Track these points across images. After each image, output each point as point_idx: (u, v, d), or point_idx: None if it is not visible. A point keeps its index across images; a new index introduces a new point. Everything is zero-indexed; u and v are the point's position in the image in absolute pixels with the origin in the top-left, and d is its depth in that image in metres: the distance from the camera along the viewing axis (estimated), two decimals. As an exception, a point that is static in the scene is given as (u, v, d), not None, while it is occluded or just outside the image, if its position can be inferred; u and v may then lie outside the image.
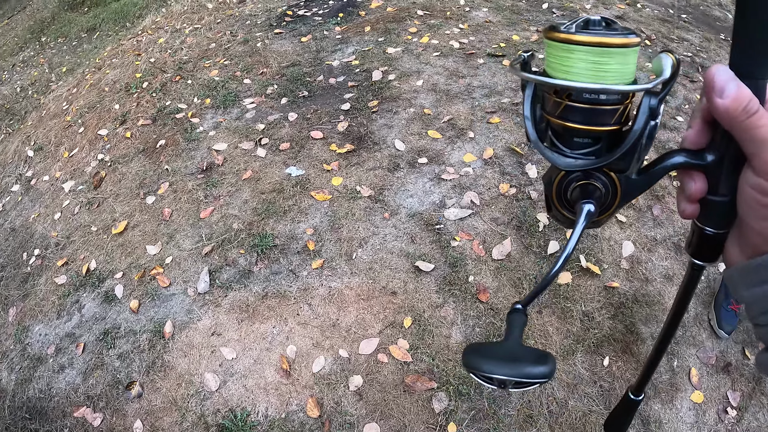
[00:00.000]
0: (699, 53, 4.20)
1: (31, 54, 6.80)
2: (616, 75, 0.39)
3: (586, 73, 0.39)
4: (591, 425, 1.99)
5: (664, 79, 0.39)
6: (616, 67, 0.38)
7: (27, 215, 3.37)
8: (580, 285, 2.36)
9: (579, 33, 0.38)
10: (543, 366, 0.39)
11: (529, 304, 0.45)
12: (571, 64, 0.39)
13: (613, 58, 0.38)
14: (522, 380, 0.39)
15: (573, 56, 0.39)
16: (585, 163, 0.42)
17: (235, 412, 2.05)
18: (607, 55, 0.38)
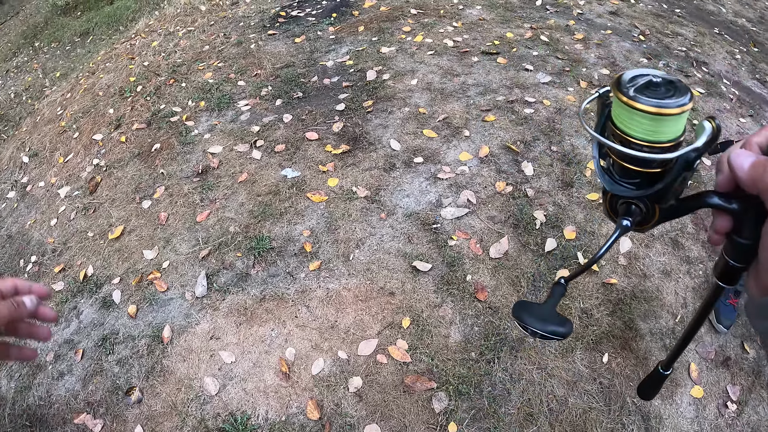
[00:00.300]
0: (693, 48, 4.21)
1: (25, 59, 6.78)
2: (668, 133, 0.45)
3: (643, 130, 0.46)
4: (591, 422, 1.99)
5: (697, 147, 0.46)
6: (670, 128, 0.45)
7: (23, 222, 3.35)
8: (578, 282, 2.36)
9: (640, 98, 0.45)
10: (562, 328, 0.52)
11: (571, 280, 0.56)
12: (631, 123, 0.46)
13: (668, 123, 0.45)
14: (546, 335, 0.52)
15: (633, 118, 0.46)
16: (628, 191, 0.52)
17: (236, 416, 2.04)
18: (663, 121, 0.45)
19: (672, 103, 0.43)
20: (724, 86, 3.76)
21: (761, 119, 3.53)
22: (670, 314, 2.34)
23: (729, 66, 4.10)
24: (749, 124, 3.43)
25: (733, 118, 3.44)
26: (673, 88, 0.45)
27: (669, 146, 0.45)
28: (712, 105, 3.51)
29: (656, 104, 0.44)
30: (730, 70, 4.05)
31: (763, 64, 4.28)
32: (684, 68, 3.83)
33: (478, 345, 2.16)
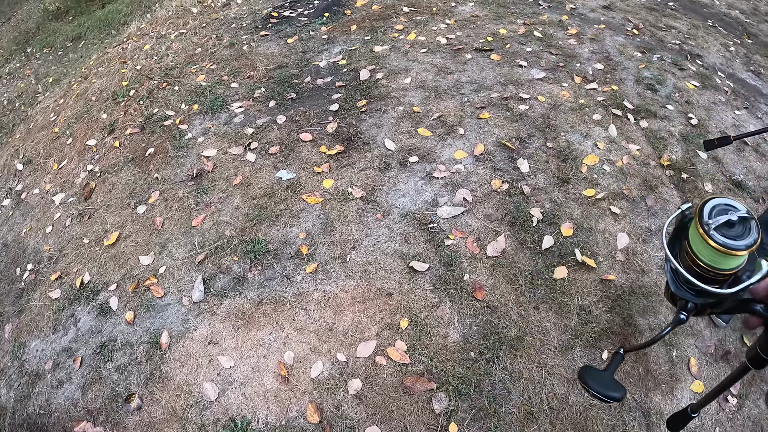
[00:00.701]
0: (687, 40, 4.20)
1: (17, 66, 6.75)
2: (731, 265, 0.54)
3: (711, 259, 0.54)
4: (592, 419, 1.99)
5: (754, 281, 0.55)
6: (734, 262, 0.54)
7: (18, 230, 3.34)
8: (576, 279, 2.36)
9: (715, 236, 0.52)
10: (617, 393, 0.63)
11: (630, 352, 0.71)
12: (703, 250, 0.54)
13: (733, 259, 0.53)
14: (604, 399, 0.63)
15: (706, 247, 0.54)
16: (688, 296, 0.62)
17: (236, 421, 2.03)
18: (729, 257, 0.53)
19: (740, 245, 0.52)
20: (718, 79, 3.75)
21: (756, 111, 3.52)
22: (668, 309, 2.33)
23: (723, 58, 4.09)
24: (744, 117, 3.43)
25: (728, 111, 3.44)
26: (745, 228, 0.53)
27: (729, 274, 0.54)
28: (707, 98, 3.51)
29: (727, 245, 0.52)
30: (724, 62, 4.05)
31: (757, 56, 4.28)
32: (678, 61, 3.82)
33: (477, 344, 2.15)
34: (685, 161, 2.99)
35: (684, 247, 0.55)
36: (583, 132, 3.03)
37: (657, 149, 3.02)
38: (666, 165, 2.93)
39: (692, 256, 0.53)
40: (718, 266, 0.52)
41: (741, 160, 3.09)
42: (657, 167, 2.92)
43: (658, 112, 3.27)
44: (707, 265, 0.52)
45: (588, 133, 3.02)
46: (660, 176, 2.87)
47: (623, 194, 2.72)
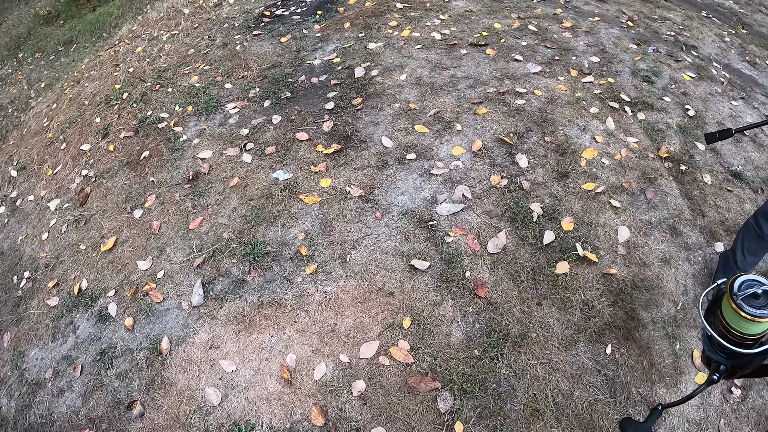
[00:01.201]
0: (682, 32, 4.19)
1: (9, 71, 6.69)
2: (759, 330, 0.62)
3: (741, 326, 0.62)
4: (597, 414, 1.98)
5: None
6: (761, 328, 0.62)
7: (14, 237, 3.31)
8: (578, 274, 2.35)
9: (744, 306, 0.61)
10: None
11: (667, 408, 0.73)
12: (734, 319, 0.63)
13: (760, 325, 0.61)
14: None
15: (737, 317, 0.63)
16: (721, 359, 0.70)
17: (239, 426, 2.02)
18: (756, 323, 0.62)
19: (763, 314, 0.61)
20: (714, 69, 3.75)
21: (753, 102, 3.51)
22: (671, 302, 2.33)
23: (718, 49, 4.09)
24: (741, 107, 3.42)
25: (725, 102, 3.43)
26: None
27: (756, 338, 0.63)
28: (704, 89, 3.50)
29: (754, 313, 0.61)
30: (719, 53, 4.04)
31: (753, 46, 4.27)
32: (673, 53, 3.81)
33: (480, 342, 2.14)
34: (684, 153, 2.98)
35: (718, 316, 0.65)
36: (581, 125, 3.01)
37: (655, 141, 3.01)
38: (664, 157, 2.92)
39: (725, 324, 0.64)
40: (746, 332, 0.63)
41: (739, 150, 3.08)
42: (655, 159, 2.91)
43: (655, 104, 3.26)
44: (737, 331, 0.63)
45: (586, 127, 3.01)
46: (659, 168, 2.86)
47: (623, 187, 2.71)
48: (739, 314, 0.61)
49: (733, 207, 2.76)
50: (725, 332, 0.66)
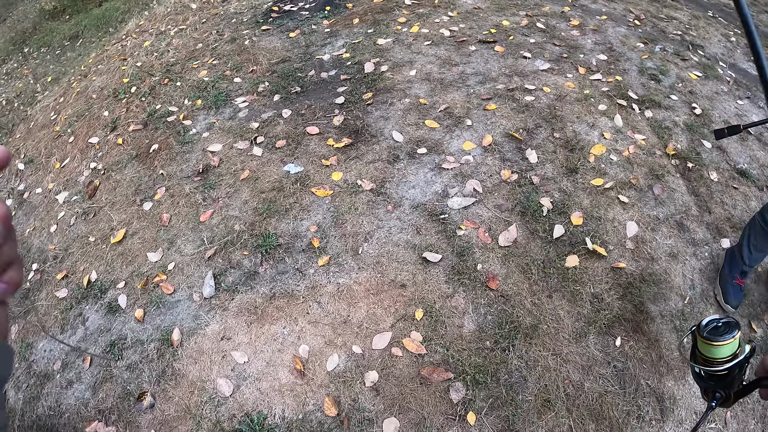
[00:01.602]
0: (688, 31, 4.21)
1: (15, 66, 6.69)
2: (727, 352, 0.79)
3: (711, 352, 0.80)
4: (607, 405, 1.99)
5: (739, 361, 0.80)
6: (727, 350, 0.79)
7: (22, 229, 3.31)
8: (587, 267, 2.36)
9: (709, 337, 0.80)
10: None
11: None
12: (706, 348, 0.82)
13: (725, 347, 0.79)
14: None
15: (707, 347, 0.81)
16: (710, 385, 0.84)
17: (252, 416, 2.03)
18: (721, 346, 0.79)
19: (726, 338, 0.78)
20: (720, 69, 3.77)
21: (758, 101, 3.53)
22: (678, 296, 2.35)
23: (724, 49, 4.11)
24: (747, 107, 3.44)
25: (730, 101, 3.45)
26: (729, 327, 0.80)
27: (730, 358, 0.78)
28: (710, 88, 3.52)
29: (715, 340, 0.78)
30: (725, 52, 4.06)
31: (758, 45, 4.29)
32: (680, 52, 3.83)
33: (492, 334, 2.15)
34: (690, 150, 3.00)
35: (697, 354, 0.82)
36: (590, 122, 3.03)
37: (662, 139, 3.03)
38: (672, 154, 2.94)
39: (703, 357, 0.80)
40: (719, 356, 0.78)
41: (745, 149, 3.10)
42: (663, 156, 2.93)
43: (662, 102, 3.28)
44: (713, 358, 0.79)
45: (594, 124, 3.02)
46: (666, 165, 2.87)
47: (631, 183, 2.73)
48: (709, 345, 0.78)
49: (739, 204, 2.78)
50: (706, 364, 0.82)
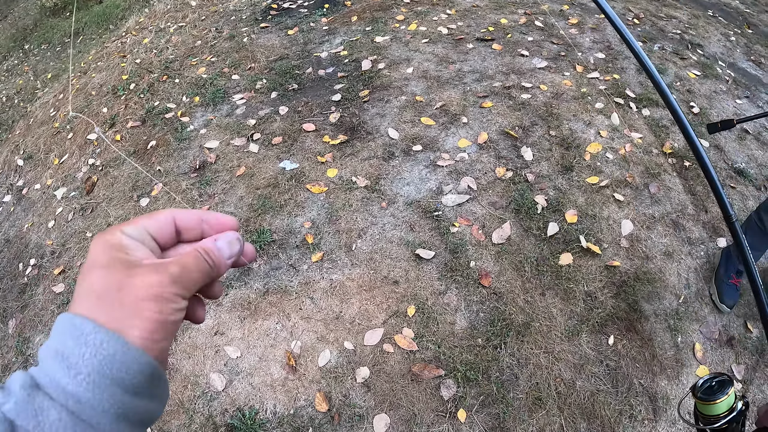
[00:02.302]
0: (688, 30, 4.20)
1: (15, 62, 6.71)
2: (723, 408, 0.82)
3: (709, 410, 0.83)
4: (599, 404, 1.99)
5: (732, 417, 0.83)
6: (722, 407, 0.82)
7: (20, 225, 3.32)
8: (581, 265, 2.36)
9: (704, 397, 0.84)
10: None
11: None
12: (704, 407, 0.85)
13: (720, 405, 0.82)
14: None
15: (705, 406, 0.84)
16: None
17: (243, 411, 2.03)
18: (717, 404, 0.83)
19: (719, 396, 0.82)
20: (719, 68, 3.75)
21: (757, 101, 3.52)
22: (673, 295, 2.34)
23: (724, 48, 4.09)
24: (746, 106, 3.43)
25: (729, 100, 3.44)
26: (722, 385, 0.84)
27: (727, 413, 0.82)
28: (709, 87, 3.51)
29: (710, 399, 0.83)
30: (725, 52, 4.04)
31: (758, 46, 4.28)
32: (679, 51, 3.82)
33: (484, 331, 2.15)
34: (687, 149, 2.99)
35: (697, 414, 0.86)
36: (586, 120, 3.02)
37: (659, 137, 3.02)
38: (668, 153, 2.93)
39: (704, 416, 0.84)
40: (717, 412, 0.83)
41: (743, 148, 3.09)
42: (659, 155, 2.92)
43: (659, 101, 3.27)
44: (712, 415, 0.83)
45: (591, 122, 3.02)
46: (662, 164, 2.87)
47: (626, 182, 2.72)
48: (705, 404, 0.84)
49: (736, 203, 2.77)
50: (708, 422, 0.86)
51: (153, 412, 0.38)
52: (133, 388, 0.36)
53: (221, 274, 0.43)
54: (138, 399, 0.36)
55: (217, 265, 0.42)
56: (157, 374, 0.37)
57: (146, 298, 0.36)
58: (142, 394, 0.36)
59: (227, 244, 0.44)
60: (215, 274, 0.42)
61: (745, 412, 0.85)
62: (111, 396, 0.35)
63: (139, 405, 0.36)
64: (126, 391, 0.35)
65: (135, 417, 0.36)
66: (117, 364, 0.35)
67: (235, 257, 0.44)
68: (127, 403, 0.35)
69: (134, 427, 0.37)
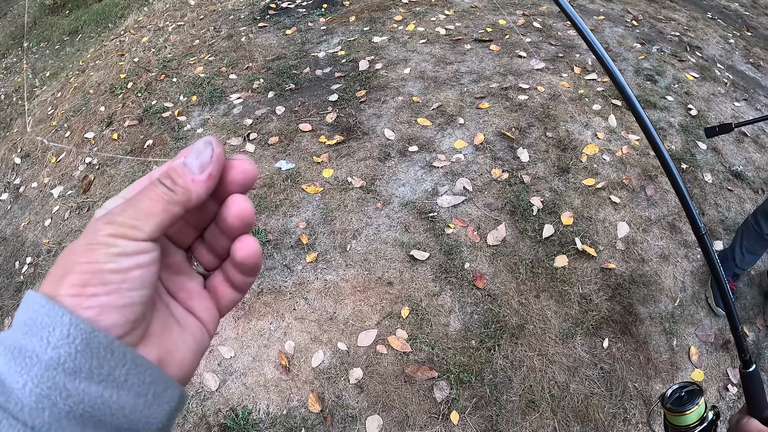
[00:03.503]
0: (686, 32, 4.19)
1: (14, 60, 6.71)
2: (693, 418, 0.80)
3: (678, 420, 0.82)
4: (593, 407, 1.99)
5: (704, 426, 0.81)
6: (692, 417, 0.80)
7: (17, 223, 3.32)
8: (576, 268, 2.35)
9: (672, 408, 0.82)
10: None
11: None
12: (674, 418, 0.83)
13: (690, 415, 0.80)
14: None
15: (674, 417, 0.82)
16: None
17: (237, 411, 2.03)
18: (686, 414, 0.80)
19: (688, 407, 0.80)
20: (718, 70, 3.75)
21: (755, 103, 3.52)
22: (669, 298, 2.33)
23: (722, 50, 4.08)
24: (744, 108, 3.42)
25: (727, 102, 3.43)
26: (692, 395, 0.82)
27: (697, 423, 0.80)
28: (707, 89, 3.50)
29: (680, 410, 0.81)
30: (723, 54, 4.04)
31: (757, 49, 4.27)
32: (677, 53, 3.81)
33: (478, 333, 2.15)
34: (685, 151, 2.98)
35: (667, 424, 0.85)
36: (583, 122, 3.02)
37: (657, 139, 3.01)
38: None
39: (674, 426, 0.83)
40: (688, 422, 0.81)
41: (740, 151, 3.08)
42: (656, 157, 2.91)
43: (657, 103, 3.26)
44: (683, 426, 0.81)
45: (588, 123, 3.01)
46: (659, 166, 2.85)
47: (623, 184, 2.72)
48: (675, 415, 0.82)
49: (733, 206, 2.76)
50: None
51: (118, 407, 0.27)
52: (61, 364, 0.26)
53: (194, 196, 0.31)
54: (80, 382, 0.26)
55: (182, 185, 0.31)
56: (96, 342, 0.26)
57: (81, 252, 0.28)
58: (82, 374, 0.26)
59: (194, 153, 0.31)
60: (183, 197, 0.30)
61: (716, 422, 0.83)
62: (39, 378, 0.25)
63: (84, 391, 0.26)
64: (55, 369, 0.26)
65: (84, 410, 0.26)
66: (37, 330, 0.26)
67: (211, 167, 0.31)
68: (59, 385, 0.26)
69: (97, 427, 0.27)
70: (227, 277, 0.37)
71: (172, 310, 0.35)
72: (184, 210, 0.31)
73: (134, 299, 0.29)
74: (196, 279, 0.37)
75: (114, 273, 0.28)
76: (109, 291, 0.27)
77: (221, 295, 0.37)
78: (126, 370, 0.28)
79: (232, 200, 0.33)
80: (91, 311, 0.27)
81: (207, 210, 0.35)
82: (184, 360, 0.33)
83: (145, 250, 0.29)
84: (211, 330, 0.37)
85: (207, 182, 0.31)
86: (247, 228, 0.34)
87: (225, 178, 0.33)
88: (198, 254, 0.37)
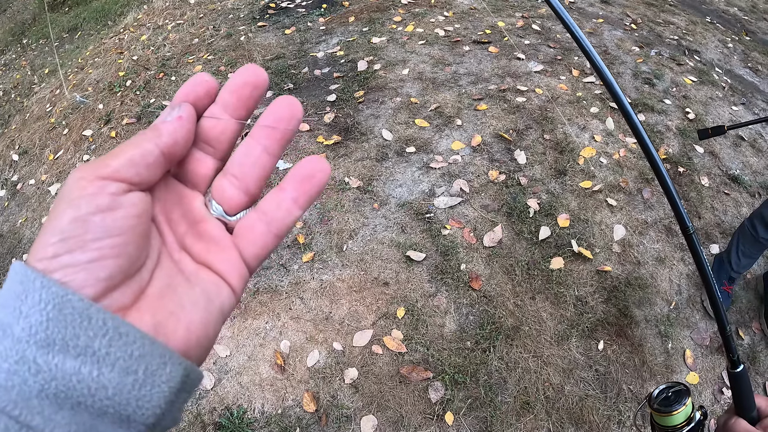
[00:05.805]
0: (685, 36, 4.20)
1: (13, 57, 6.69)
2: (681, 418, 0.78)
3: (665, 421, 0.80)
4: (588, 410, 1.99)
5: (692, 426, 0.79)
6: (680, 417, 0.78)
7: (14, 220, 3.32)
8: (572, 270, 2.36)
9: (660, 408, 0.80)
10: None
11: None
12: (661, 418, 0.80)
13: (678, 415, 0.78)
14: None
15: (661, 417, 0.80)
16: None
17: (231, 410, 2.03)
18: (674, 414, 0.78)
19: (676, 407, 0.78)
20: (716, 74, 3.76)
21: (753, 107, 3.53)
22: (664, 301, 2.34)
23: (721, 54, 4.10)
24: (741, 113, 3.43)
25: (725, 106, 3.44)
26: (679, 395, 0.80)
27: (685, 423, 0.78)
28: (705, 93, 3.51)
29: (668, 410, 0.79)
30: (722, 58, 4.05)
31: (755, 53, 4.28)
32: (676, 56, 3.82)
33: (473, 334, 2.15)
34: (682, 155, 2.99)
35: (655, 425, 0.83)
36: (581, 124, 3.02)
37: (654, 143, 3.02)
38: (663, 158, 2.93)
39: (661, 427, 0.81)
40: (675, 423, 0.79)
41: (738, 155, 3.09)
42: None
43: (655, 106, 3.27)
44: (670, 426, 0.80)
45: (585, 126, 3.02)
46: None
47: (620, 186, 2.72)
48: (662, 415, 0.81)
49: (730, 210, 2.77)
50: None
51: (99, 386, 0.23)
52: (32, 335, 0.22)
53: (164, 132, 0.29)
54: (53, 356, 0.22)
55: (155, 126, 0.29)
56: (70, 307, 0.23)
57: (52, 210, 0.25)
58: (55, 346, 0.22)
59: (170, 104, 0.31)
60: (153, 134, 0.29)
61: (704, 422, 0.83)
62: (7, 351, 0.22)
63: (57, 366, 0.22)
64: (27, 341, 0.22)
65: (58, 389, 0.22)
66: (12, 300, 0.23)
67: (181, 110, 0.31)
68: (29, 359, 0.22)
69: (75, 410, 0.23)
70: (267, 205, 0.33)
71: (182, 268, 0.30)
72: (159, 150, 0.28)
73: (103, 252, 0.24)
74: (217, 227, 0.32)
75: (73, 222, 0.24)
76: (70, 246, 0.24)
77: (251, 239, 0.32)
78: (107, 340, 0.23)
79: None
80: (59, 273, 0.23)
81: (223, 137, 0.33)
82: (191, 323, 0.27)
83: (111, 192, 0.25)
84: (235, 284, 0.31)
85: (176, 122, 0.30)
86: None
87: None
88: (218, 192, 0.33)
